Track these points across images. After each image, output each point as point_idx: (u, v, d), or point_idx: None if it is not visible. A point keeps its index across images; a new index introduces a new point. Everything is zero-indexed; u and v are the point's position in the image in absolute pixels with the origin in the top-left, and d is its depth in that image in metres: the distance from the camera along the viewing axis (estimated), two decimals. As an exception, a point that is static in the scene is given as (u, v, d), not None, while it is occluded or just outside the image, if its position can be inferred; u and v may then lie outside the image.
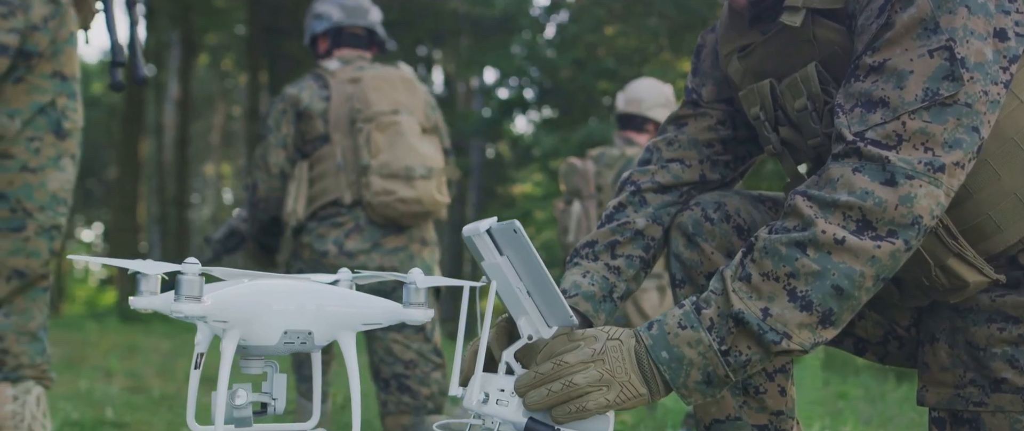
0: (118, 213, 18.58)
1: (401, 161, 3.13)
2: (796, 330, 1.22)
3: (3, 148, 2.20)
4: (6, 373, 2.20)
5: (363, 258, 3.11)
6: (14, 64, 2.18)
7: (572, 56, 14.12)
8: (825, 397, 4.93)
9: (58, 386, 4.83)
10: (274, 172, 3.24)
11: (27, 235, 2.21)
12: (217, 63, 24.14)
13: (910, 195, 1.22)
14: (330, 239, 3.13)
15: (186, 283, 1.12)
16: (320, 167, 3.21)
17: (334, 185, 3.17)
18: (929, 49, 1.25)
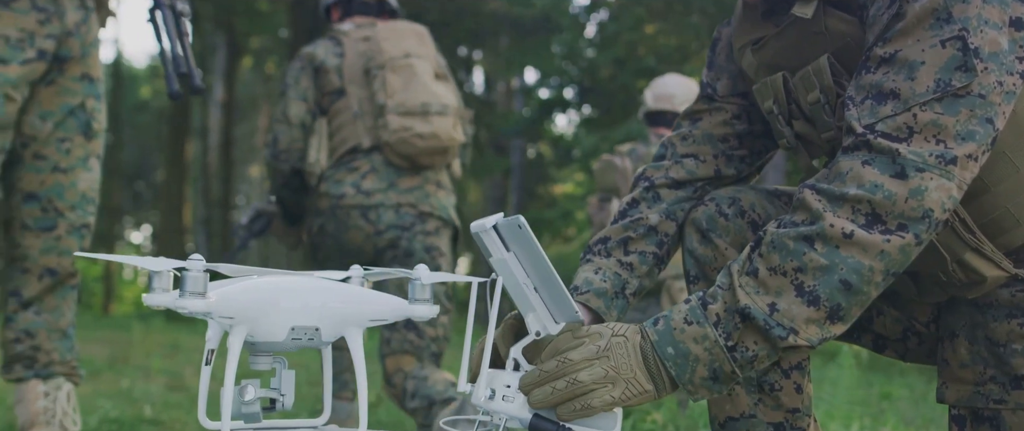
0: (165, 215, 18.87)
1: (417, 99, 3.18)
2: (803, 325, 1.20)
3: (36, 149, 2.25)
4: (38, 370, 2.24)
5: (380, 197, 3.14)
6: (49, 68, 2.23)
7: (612, 55, 14.06)
8: (868, 397, 4.87)
9: (100, 384, 4.92)
10: (294, 123, 3.25)
11: (58, 234, 2.26)
12: (261, 66, 24.38)
13: (921, 188, 1.19)
14: (347, 182, 3.17)
15: (191, 280, 1.13)
16: (338, 120, 3.27)
17: (352, 133, 3.21)
18: (941, 39, 1.22)
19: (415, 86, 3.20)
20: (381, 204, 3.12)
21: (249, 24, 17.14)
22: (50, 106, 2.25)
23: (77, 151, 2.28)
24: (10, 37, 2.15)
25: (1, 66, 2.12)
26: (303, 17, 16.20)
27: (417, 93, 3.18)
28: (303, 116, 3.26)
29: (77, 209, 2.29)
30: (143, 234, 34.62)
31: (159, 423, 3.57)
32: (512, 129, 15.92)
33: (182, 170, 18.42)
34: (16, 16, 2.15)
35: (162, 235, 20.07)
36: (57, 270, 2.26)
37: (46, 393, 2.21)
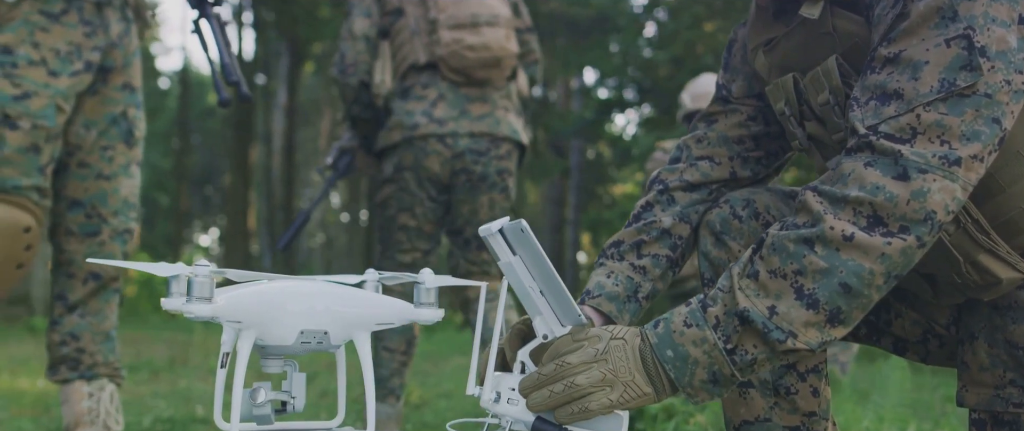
0: (231, 218, 19.21)
1: (466, 10, 3.23)
2: (802, 329, 1.20)
3: (80, 157, 2.33)
4: (82, 372, 2.31)
5: (453, 125, 3.21)
6: (93, 79, 2.30)
7: (670, 53, 13.97)
8: (931, 400, 4.78)
9: (158, 385, 5.03)
10: (358, 35, 3.27)
11: (102, 239, 2.33)
12: (323, 71, 24.68)
13: (923, 190, 1.18)
14: (418, 112, 3.22)
15: (197, 285, 1.16)
16: (398, 39, 3.32)
17: (410, 50, 3.27)
18: (946, 38, 1.21)
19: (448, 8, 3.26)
20: (455, 132, 3.20)
21: (310, 30, 17.37)
22: (94, 115, 2.33)
23: (119, 158, 2.35)
24: (60, 50, 2.22)
25: (52, 78, 2.20)
26: (363, 21, 16.38)
27: (467, 4, 3.24)
28: (367, 30, 3.28)
29: (119, 215, 2.36)
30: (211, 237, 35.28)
31: (210, 423, 3.65)
32: (571, 130, 15.90)
33: (246, 174, 18.74)
34: (65, 30, 2.23)
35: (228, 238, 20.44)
36: (101, 274, 2.33)
37: (90, 394, 2.28)
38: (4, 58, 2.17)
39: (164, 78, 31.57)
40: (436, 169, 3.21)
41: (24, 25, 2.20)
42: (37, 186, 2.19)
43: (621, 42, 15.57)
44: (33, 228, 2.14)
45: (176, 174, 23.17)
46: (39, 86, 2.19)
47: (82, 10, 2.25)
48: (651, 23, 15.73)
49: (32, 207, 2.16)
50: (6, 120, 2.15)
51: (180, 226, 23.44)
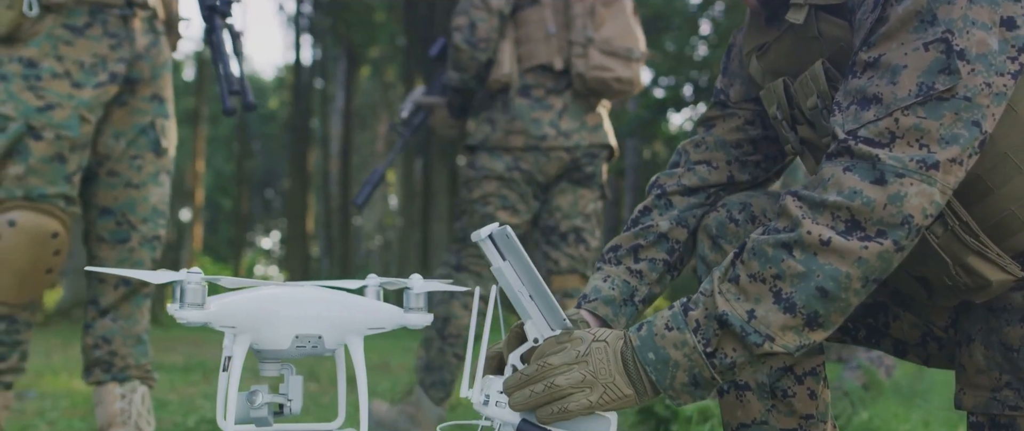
0: (290, 221, 19.51)
1: (623, 41, 3.25)
2: (779, 332, 1.20)
3: (109, 167, 2.41)
4: (115, 374, 2.40)
5: (577, 137, 3.26)
6: (120, 90, 2.38)
7: (726, 52, 13.86)
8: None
9: (209, 386, 5.14)
10: (494, 8, 3.18)
11: (132, 246, 2.41)
12: (380, 74, 24.95)
13: (900, 194, 1.18)
14: (546, 122, 3.24)
15: (189, 292, 1.21)
16: (526, 29, 3.27)
17: (544, 50, 3.24)
18: (924, 42, 1.21)
19: (622, 25, 3.26)
20: (578, 144, 3.25)
21: (365, 35, 17.57)
22: (122, 126, 2.41)
23: (148, 167, 2.43)
24: (84, 62, 2.30)
25: (76, 89, 2.29)
26: (417, 25, 16.55)
27: (624, 35, 3.26)
28: (502, 5, 3.20)
29: (148, 222, 2.44)
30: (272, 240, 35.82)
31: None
32: (626, 129, 15.86)
33: (305, 178, 19.00)
34: (90, 42, 2.31)
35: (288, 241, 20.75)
36: (131, 280, 2.41)
37: (123, 395, 2.36)
38: (29, 71, 2.26)
39: (226, 84, 32.07)
40: (552, 173, 3.26)
41: (48, 39, 2.29)
42: (63, 194, 2.27)
43: (676, 40, 15.49)
44: (61, 234, 2.23)
45: (236, 178, 23.56)
46: (62, 98, 2.28)
47: (107, 23, 2.33)
48: (706, 21, 15.63)
49: (59, 214, 2.25)
50: (31, 131, 2.24)
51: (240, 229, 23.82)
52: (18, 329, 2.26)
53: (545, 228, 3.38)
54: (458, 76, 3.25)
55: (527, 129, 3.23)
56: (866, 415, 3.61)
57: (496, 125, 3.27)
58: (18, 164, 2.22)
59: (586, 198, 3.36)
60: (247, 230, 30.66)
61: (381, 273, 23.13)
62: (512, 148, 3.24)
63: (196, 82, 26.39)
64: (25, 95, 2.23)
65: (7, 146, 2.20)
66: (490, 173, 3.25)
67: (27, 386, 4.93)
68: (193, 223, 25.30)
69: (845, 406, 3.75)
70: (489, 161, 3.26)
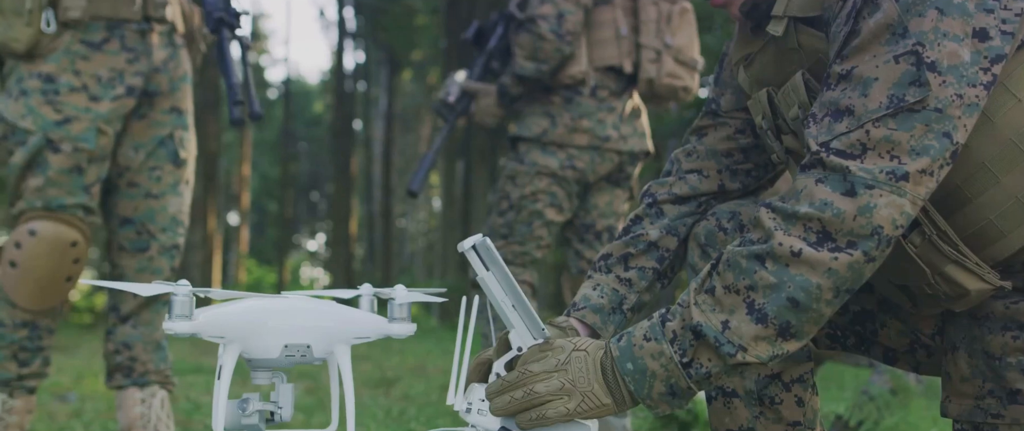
0: (335, 223, 19.70)
1: (692, 52, 3.29)
2: (752, 343, 1.22)
3: (129, 178, 2.48)
4: (135, 379, 2.47)
5: (632, 142, 3.28)
6: (139, 103, 2.45)
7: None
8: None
9: (246, 388, 5.22)
10: (581, 3, 3.13)
11: (151, 254, 2.48)
12: (423, 77, 25.11)
13: (869, 205, 1.20)
14: (610, 124, 3.23)
15: (177, 303, 1.25)
16: (597, 29, 3.24)
17: (614, 52, 3.22)
18: (895, 55, 1.22)
19: (690, 35, 3.29)
20: (632, 150, 3.27)
21: (406, 39, 17.68)
22: (142, 138, 2.48)
23: (167, 178, 2.50)
24: (102, 76, 2.38)
25: (93, 102, 2.36)
26: (459, 28, 16.64)
27: (692, 45, 3.29)
28: (587, 0, 3.15)
29: (167, 231, 2.51)
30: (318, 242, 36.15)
31: (282, 424, 3.79)
32: (668, 130, 15.77)
33: (349, 180, 19.17)
34: (107, 57, 2.39)
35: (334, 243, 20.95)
36: None
37: (142, 400, 2.43)
38: (47, 86, 2.34)
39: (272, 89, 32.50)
40: (601, 174, 3.26)
41: (66, 55, 2.37)
42: (82, 204, 2.35)
43: (717, 41, 15.40)
44: (80, 243, 2.30)
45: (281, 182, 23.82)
46: (80, 111, 2.36)
47: (124, 38, 2.40)
48: (748, 20, 15.50)
49: (78, 223, 2.33)
50: (50, 144, 2.32)
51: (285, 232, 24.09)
52: (40, 335, 2.34)
53: (581, 226, 3.37)
54: (535, 67, 3.13)
55: (593, 129, 3.20)
56: (893, 420, 3.59)
57: (557, 121, 3.21)
58: (38, 176, 2.30)
59: (620, 198, 3.37)
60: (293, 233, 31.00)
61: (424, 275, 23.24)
62: (570, 145, 3.20)
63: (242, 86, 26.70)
64: (44, 109, 2.31)
65: (27, 159, 2.29)
66: (543, 169, 3.20)
67: (68, 388, 5.06)
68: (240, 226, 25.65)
69: (871, 410, 3.73)
70: (541, 157, 3.20)
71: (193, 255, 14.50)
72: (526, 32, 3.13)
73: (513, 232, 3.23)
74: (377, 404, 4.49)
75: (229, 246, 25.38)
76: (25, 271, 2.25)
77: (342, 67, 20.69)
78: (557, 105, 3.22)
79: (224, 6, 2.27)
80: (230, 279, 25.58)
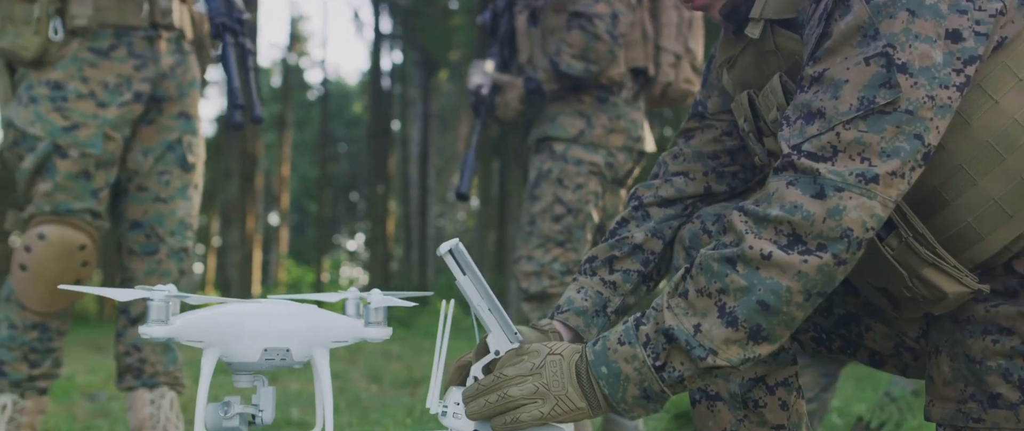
0: (373, 224, 19.83)
1: (699, 59, 3.26)
2: (723, 346, 1.22)
3: (139, 182, 2.52)
4: (144, 380, 2.51)
5: (648, 143, 3.23)
6: (147, 108, 2.49)
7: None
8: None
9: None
10: (632, 4, 3.07)
11: (160, 257, 2.52)
12: (459, 77, 25.18)
13: (838, 208, 1.19)
14: (640, 124, 3.18)
15: (153, 308, 1.27)
16: (628, 33, 3.17)
17: (641, 54, 3.16)
18: (866, 56, 1.21)
19: (700, 43, 3.26)
20: (646, 150, 3.22)
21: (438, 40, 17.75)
22: (150, 142, 2.52)
23: (175, 182, 2.54)
24: (109, 83, 2.43)
25: (101, 109, 2.41)
26: (494, 28, 16.66)
27: (699, 54, 3.26)
28: (634, 1, 3.09)
29: (176, 235, 2.54)
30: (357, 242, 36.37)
31: (302, 425, 3.83)
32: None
33: (386, 181, 19.28)
34: (114, 64, 2.43)
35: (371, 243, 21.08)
36: None
37: (152, 401, 2.47)
38: (55, 93, 2.39)
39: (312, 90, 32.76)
40: (623, 174, 3.19)
41: (73, 62, 2.42)
42: (90, 209, 2.40)
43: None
44: (88, 246, 2.35)
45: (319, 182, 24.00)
46: (87, 117, 2.40)
47: (132, 44, 2.45)
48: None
49: (86, 227, 2.37)
50: (58, 150, 2.37)
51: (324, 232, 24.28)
52: (50, 337, 2.38)
53: (596, 228, 3.31)
54: (584, 67, 3.02)
55: (628, 129, 3.14)
56: (915, 422, 3.55)
57: (593, 122, 3.11)
58: (46, 181, 2.35)
59: (621, 198, 3.32)
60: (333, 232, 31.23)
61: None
62: (608, 146, 3.12)
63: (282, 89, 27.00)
64: (52, 116, 2.36)
65: (37, 164, 2.34)
66: (592, 168, 3.11)
67: (100, 388, 5.14)
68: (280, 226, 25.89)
69: (892, 411, 3.69)
70: (587, 154, 3.10)
71: (231, 255, 14.67)
72: (579, 29, 3.02)
73: (571, 238, 3.08)
74: (400, 404, 4.51)
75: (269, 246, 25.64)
76: (35, 274, 2.30)
77: (379, 68, 20.81)
78: (589, 105, 3.13)
79: (227, 11, 2.30)
80: (270, 279, 25.82)
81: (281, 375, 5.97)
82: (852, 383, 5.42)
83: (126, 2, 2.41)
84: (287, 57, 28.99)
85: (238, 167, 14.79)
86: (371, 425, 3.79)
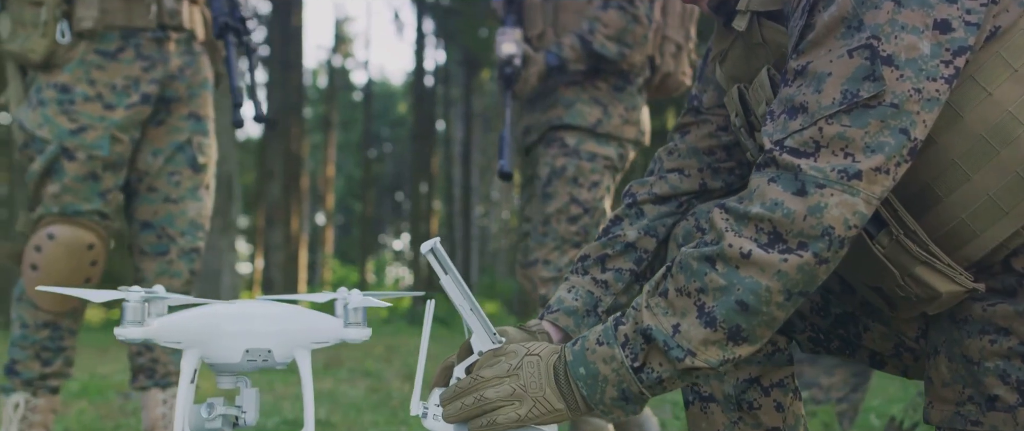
0: (415, 224, 19.90)
1: None
2: (701, 347, 1.18)
3: (149, 183, 2.54)
4: (157, 380, 2.52)
5: (646, 137, 3.15)
6: (156, 109, 2.51)
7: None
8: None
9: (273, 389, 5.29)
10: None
11: (170, 258, 2.53)
12: (502, 77, 25.15)
13: (820, 205, 1.15)
14: (646, 115, 3.09)
15: (128, 310, 1.27)
16: None
17: (652, 43, 3.06)
18: (849, 48, 1.17)
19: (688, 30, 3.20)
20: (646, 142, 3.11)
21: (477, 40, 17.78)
22: (160, 143, 2.54)
23: (186, 183, 2.56)
24: (116, 85, 2.45)
25: (108, 111, 2.43)
26: (535, 27, 16.66)
27: None
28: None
29: (186, 235, 2.56)
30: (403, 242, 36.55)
31: (329, 425, 3.84)
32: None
33: (430, 181, 19.35)
34: (122, 65, 2.46)
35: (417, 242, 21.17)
36: (168, 290, 2.53)
37: (164, 401, 2.49)
38: (62, 96, 2.42)
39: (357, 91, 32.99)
40: (627, 166, 3.09)
41: (80, 65, 2.44)
42: (98, 210, 2.43)
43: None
44: (96, 245, 2.38)
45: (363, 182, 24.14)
46: (94, 120, 2.43)
47: (140, 46, 2.46)
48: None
49: (95, 227, 2.41)
50: (65, 152, 2.40)
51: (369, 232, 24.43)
52: (62, 336, 2.41)
53: None
54: (618, 49, 2.91)
55: (639, 122, 3.03)
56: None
57: (610, 111, 2.99)
58: (55, 183, 2.38)
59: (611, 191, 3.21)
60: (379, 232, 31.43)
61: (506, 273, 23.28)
62: (621, 138, 3.00)
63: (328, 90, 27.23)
64: (59, 119, 2.39)
65: (45, 167, 2.37)
66: (606, 162, 2.99)
67: (132, 387, 5.20)
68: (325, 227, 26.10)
69: (921, 404, 3.61)
70: (599, 147, 2.96)
71: (274, 255, 14.80)
72: (618, 9, 2.90)
73: (588, 239, 2.94)
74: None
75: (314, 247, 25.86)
76: (45, 273, 2.33)
77: (422, 68, 20.89)
78: (605, 92, 3.00)
79: (229, 11, 2.31)
80: (317, 279, 26.04)
81: (340, 373, 6.00)
82: (896, 383, 5.32)
83: (133, 4, 2.43)
84: (332, 58, 29.24)
85: (281, 168, 14.92)
86: (398, 424, 3.80)
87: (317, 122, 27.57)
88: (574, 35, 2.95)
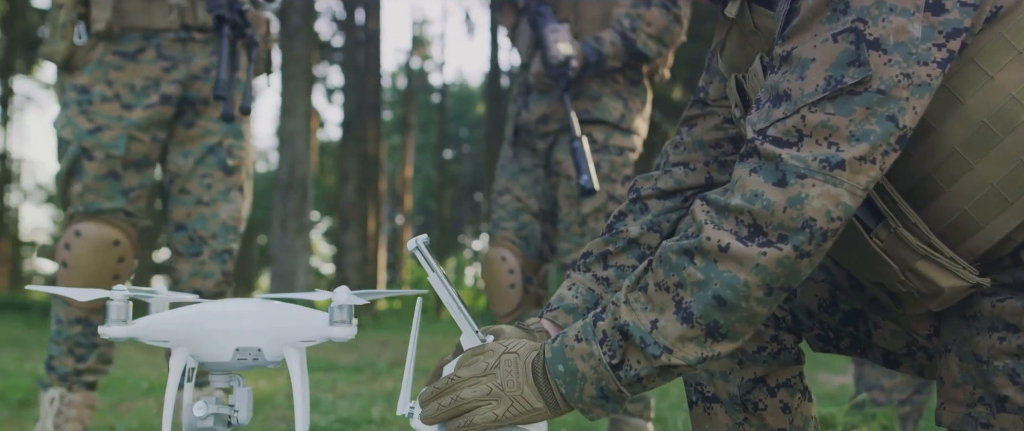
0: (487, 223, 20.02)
1: None
2: (677, 344, 1.14)
3: (180, 184, 2.58)
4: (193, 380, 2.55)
5: None
6: (181, 110, 2.54)
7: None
8: None
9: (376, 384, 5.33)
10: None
11: (203, 259, 2.56)
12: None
13: (800, 196, 1.10)
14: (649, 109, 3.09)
15: (113, 308, 1.28)
16: None
17: None
18: (834, 33, 1.12)
19: None
20: None
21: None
22: (190, 145, 2.58)
23: (217, 185, 2.58)
24: (136, 85, 2.51)
25: (126, 110, 2.49)
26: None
27: None
28: None
29: (218, 237, 2.58)
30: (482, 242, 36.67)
31: (383, 423, 3.85)
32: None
33: (497, 180, 19.37)
34: (142, 66, 2.51)
35: (492, 243, 21.22)
36: (202, 290, 2.56)
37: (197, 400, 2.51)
38: (82, 97, 2.49)
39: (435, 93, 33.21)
40: None
41: (99, 66, 2.50)
42: (121, 208, 2.50)
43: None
44: (123, 242, 2.44)
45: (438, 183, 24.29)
46: (112, 120, 2.49)
47: (161, 46, 2.51)
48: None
49: (121, 224, 2.48)
50: (84, 152, 2.47)
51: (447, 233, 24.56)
52: (94, 331, 2.46)
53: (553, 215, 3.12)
54: (658, 49, 2.91)
55: (647, 116, 3.03)
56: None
57: (630, 106, 2.98)
58: (78, 183, 2.47)
59: None
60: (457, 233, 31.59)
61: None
62: (638, 133, 2.99)
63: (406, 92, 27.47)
64: (79, 119, 2.46)
65: (68, 167, 2.45)
66: (632, 154, 2.97)
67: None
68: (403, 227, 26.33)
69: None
70: (625, 140, 2.94)
71: (349, 256, 14.96)
72: (662, 8, 2.88)
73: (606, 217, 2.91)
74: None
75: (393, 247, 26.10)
76: (74, 270, 2.39)
77: (498, 69, 20.91)
78: (624, 86, 2.98)
79: (227, 3, 2.33)
80: (396, 279, 26.27)
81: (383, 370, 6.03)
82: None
83: (154, 5, 2.46)
84: (410, 61, 29.47)
85: (356, 169, 15.08)
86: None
87: (395, 124, 27.80)
88: (615, 32, 2.91)
